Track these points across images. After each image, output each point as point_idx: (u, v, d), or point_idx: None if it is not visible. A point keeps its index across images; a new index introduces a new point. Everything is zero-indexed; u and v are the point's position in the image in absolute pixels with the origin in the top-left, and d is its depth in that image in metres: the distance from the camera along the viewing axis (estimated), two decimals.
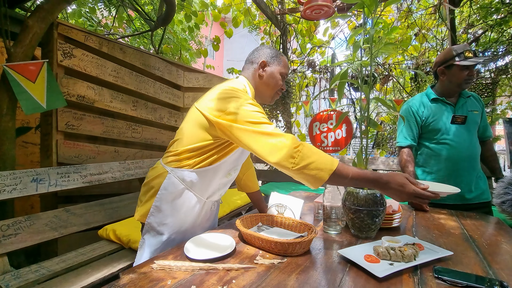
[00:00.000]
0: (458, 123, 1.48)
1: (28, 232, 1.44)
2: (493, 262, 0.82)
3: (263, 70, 1.10)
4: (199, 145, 0.97)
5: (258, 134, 0.87)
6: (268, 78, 1.10)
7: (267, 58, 1.11)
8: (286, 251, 0.84)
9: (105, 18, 4.43)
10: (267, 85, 1.11)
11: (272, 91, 1.12)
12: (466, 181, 1.47)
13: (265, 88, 1.11)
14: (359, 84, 1.07)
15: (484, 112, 1.57)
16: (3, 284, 1.21)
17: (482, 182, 1.52)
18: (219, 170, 1.03)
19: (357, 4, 1.01)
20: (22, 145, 2.64)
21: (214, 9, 4.28)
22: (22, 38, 1.70)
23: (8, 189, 1.41)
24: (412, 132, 1.56)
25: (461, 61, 1.42)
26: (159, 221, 0.99)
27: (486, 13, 3.03)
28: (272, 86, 1.11)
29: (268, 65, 1.10)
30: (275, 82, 1.11)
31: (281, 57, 1.12)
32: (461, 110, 1.50)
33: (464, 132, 1.48)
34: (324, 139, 3.58)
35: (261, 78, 1.10)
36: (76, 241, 1.86)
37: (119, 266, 1.46)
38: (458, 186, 1.46)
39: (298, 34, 4.29)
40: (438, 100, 1.54)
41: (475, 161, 1.50)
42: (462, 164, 1.47)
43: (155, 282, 0.68)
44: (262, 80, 1.10)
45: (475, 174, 1.49)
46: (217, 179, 1.05)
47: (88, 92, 2.10)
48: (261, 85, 1.11)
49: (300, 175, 0.84)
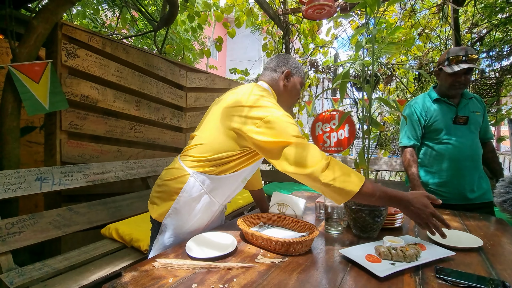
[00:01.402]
0: (460, 124, 1.49)
1: (32, 230, 1.45)
2: (496, 263, 0.81)
3: (288, 80, 1.11)
4: (227, 154, 0.96)
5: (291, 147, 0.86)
6: (292, 88, 1.12)
7: (291, 69, 1.12)
8: (288, 251, 0.84)
9: (109, 19, 4.47)
10: (290, 95, 1.12)
11: (293, 100, 1.15)
12: (468, 181, 1.47)
13: (287, 98, 1.13)
14: (361, 84, 1.06)
15: (485, 113, 1.57)
16: (8, 281, 1.23)
17: (484, 182, 1.51)
18: (240, 177, 1.04)
19: (359, 3, 1.01)
20: (27, 144, 2.67)
21: (216, 9, 4.29)
22: (27, 39, 1.72)
23: (12, 188, 1.42)
24: (415, 132, 1.57)
25: (445, 67, 1.47)
26: (176, 223, 0.98)
27: (490, 13, 3.00)
28: (293, 96, 1.13)
29: (292, 76, 1.11)
30: (296, 92, 1.13)
31: (301, 69, 1.15)
32: (463, 111, 1.50)
33: (466, 133, 1.48)
34: (327, 139, 3.57)
35: (285, 88, 1.11)
36: (79, 239, 1.88)
37: (121, 264, 1.47)
38: (460, 185, 1.47)
39: (300, 34, 4.29)
40: (441, 100, 1.55)
41: (477, 161, 1.50)
42: (464, 164, 1.47)
43: (156, 280, 0.69)
44: (286, 90, 1.11)
45: (477, 174, 1.49)
46: (236, 184, 1.06)
47: (91, 92, 2.11)
48: (284, 94, 1.12)
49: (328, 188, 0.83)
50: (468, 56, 1.40)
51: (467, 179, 1.47)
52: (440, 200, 0.89)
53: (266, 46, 4.49)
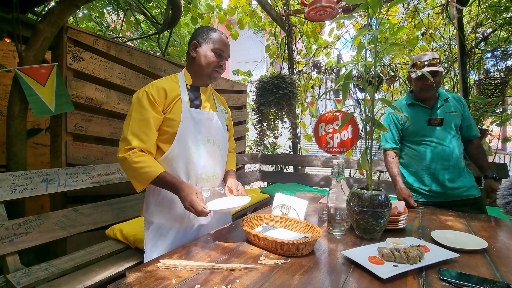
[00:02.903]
0: (436, 125, 1.56)
1: (38, 231, 1.47)
2: (501, 265, 0.80)
3: (195, 51, 1.15)
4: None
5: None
6: (200, 57, 1.14)
7: (197, 39, 1.15)
8: (290, 252, 0.84)
9: (114, 22, 4.51)
10: (201, 64, 1.14)
11: (207, 69, 1.14)
12: (447, 179, 1.53)
13: (199, 68, 1.15)
14: (363, 85, 1.06)
15: (466, 112, 1.62)
16: (15, 281, 1.24)
17: (467, 180, 1.56)
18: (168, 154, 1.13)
19: (361, 5, 1.01)
20: (33, 146, 2.71)
21: (219, 11, 4.31)
22: (33, 42, 1.75)
23: (19, 189, 1.44)
24: (393, 135, 1.68)
25: (411, 73, 1.57)
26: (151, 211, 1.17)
27: (495, 12, 2.98)
28: (207, 65, 1.14)
29: (200, 45, 1.14)
30: (209, 60, 1.13)
31: (212, 34, 1.14)
32: (438, 113, 1.58)
33: (442, 133, 1.56)
34: (330, 140, 3.56)
35: (194, 59, 1.16)
36: (84, 240, 1.89)
37: (126, 265, 1.49)
38: (439, 184, 1.55)
39: (303, 35, 4.29)
40: (415, 104, 1.64)
41: (455, 160, 1.54)
42: (441, 163, 1.54)
43: (160, 281, 0.70)
44: (195, 61, 1.15)
45: (457, 172, 1.54)
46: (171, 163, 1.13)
47: (96, 94, 2.14)
48: (195, 66, 1.16)
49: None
50: (430, 61, 1.50)
51: (445, 178, 1.53)
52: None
53: (269, 47, 4.50)
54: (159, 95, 1.07)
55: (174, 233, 1.11)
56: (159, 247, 1.09)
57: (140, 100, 1.06)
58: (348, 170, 3.77)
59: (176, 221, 1.11)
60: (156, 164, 1.05)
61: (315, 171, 5.29)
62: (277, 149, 4.66)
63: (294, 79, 3.56)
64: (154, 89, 1.08)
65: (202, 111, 1.16)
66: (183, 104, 1.10)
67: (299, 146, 4.29)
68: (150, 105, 1.05)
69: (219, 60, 1.14)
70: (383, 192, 1.00)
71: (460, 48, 2.82)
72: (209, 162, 1.16)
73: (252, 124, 3.80)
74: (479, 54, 3.22)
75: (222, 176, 1.26)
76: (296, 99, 3.54)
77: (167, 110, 1.09)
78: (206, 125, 1.15)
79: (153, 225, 1.12)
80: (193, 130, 1.11)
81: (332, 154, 3.56)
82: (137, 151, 1.03)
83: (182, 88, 1.14)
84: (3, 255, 1.32)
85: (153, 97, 1.06)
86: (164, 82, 1.12)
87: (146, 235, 1.14)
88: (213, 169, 1.17)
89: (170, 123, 1.08)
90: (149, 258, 1.09)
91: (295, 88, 3.43)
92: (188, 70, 1.19)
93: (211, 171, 1.17)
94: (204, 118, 1.15)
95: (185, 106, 1.10)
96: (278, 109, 3.44)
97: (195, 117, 1.12)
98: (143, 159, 1.02)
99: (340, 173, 1.07)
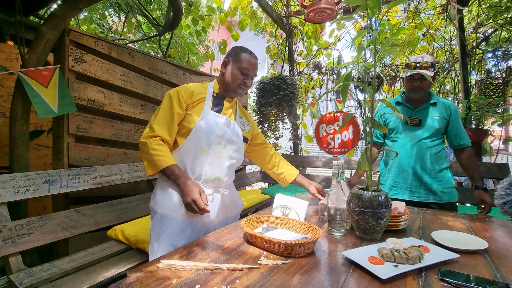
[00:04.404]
0: (413, 125, 1.61)
1: (40, 232, 1.49)
2: (501, 265, 0.80)
3: (225, 68, 1.29)
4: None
5: None
6: (228, 73, 1.27)
7: (227, 57, 1.28)
8: (290, 252, 0.85)
9: (116, 24, 4.54)
10: (228, 79, 1.27)
11: (233, 84, 1.26)
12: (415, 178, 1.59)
13: (226, 83, 1.27)
14: (363, 86, 1.07)
15: (454, 119, 1.61)
16: (17, 282, 1.25)
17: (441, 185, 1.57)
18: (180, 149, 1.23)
19: (361, 6, 1.02)
20: (36, 148, 2.73)
21: (220, 13, 4.33)
22: (36, 45, 1.77)
23: (22, 190, 1.46)
24: (375, 132, 1.78)
25: (403, 73, 1.62)
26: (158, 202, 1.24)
27: (495, 12, 2.97)
28: (233, 80, 1.25)
29: (229, 63, 1.27)
30: (234, 76, 1.25)
31: (240, 53, 1.26)
32: (418, 114, 1.62)
33: (417, 134, 1.60)
34: (331, 140, 3.56)
35: (224, 75, 1.29)
36: (86, 241, 1.90)
37: (127, 265, 1.49)
38: (404, 181, 1.62)
39: (304, 36, 4.30)
40: (401, 103, 1.70)
41: (425, 161, 1.58)
42: (409, 161, 1.60)
43: (160, 281, 0.70)
44: (224, 76, 1.28)
45: (427, 174, 1.57)
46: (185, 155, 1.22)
47: (98, 96, 2.15)
48: (224, 80, 1.28)
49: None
50: (422, 63, 1.53)
51: (413, 177, 1.59)
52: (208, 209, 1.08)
53: (269, 48, 4.51)
54: (187, 94, 1.21)
55: (175, 223, 1.15)
56: (161, 236, 1.15)
57: (171, 97, 1.19)
58: (349, 171, 3.77)
59: (176, 211, 1.16)
60: (170, 156, 1.16)
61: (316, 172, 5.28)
62: (278, 150, 4.66)
63: (294, 80, 3.56)
64: (183, 89, 1.22)
65: (221, 115, 1.25)
66: (205, 106, 1.22)
67: (300, 147, 4.29)
68: (178, 102, 1.18)
69: (244, 78, 1.25)
70: (383, 192, 1.00)
71: (461, 48, 2.82)
72: (216, 163, 1.22)
73: None
74: (480, 54, 3.22)
75: (228, 182, 1.32)
76: (297, 100, 3.54)
77: (189, 107, 1.21)
78: (222, 128, 1.23)
79: (157, 214, 1.18)
80: (208, 129, 1.20)
81: (333, 155, 3.56)
82: (158, 140, 1.15)
83: (208, 93, 1.26)
84: (6, 256, 1.33)
85: (182, 96, 1.19)
86: (194, 86, 1.26)
87: (152, 225, 1.21)
88: (219, 171, 1.23)
89: (189, 119, 1.19)
90: (153, 247, 1.17)
91: (295, 89, 3.43)
92: (218, 82, 1.32)
93: (217, 172, 1.22)
94: (221, 122, 1.24)
95: (206, 107, 1.22)
96: (279, 110, 3.44)
97: (213, 118, 1.22)
98: (160, 148, 1.14)
99: (340, 173, 1.07)
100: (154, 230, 1.19)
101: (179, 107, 1.19)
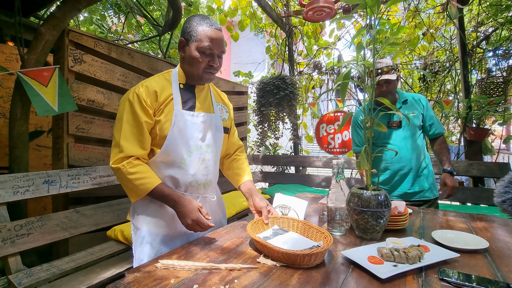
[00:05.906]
0: (395, 128, 1.64)
1: (40, 232, 1.48)
2: (502, 265, 0.80)
3: (183, 50, 1.02)
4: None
5: None
6: (188, 57, 1.01)
7: (183, 36, 1.01)
8: (295, 263, 0.77)
9: (115, 25, 4.55)
10: (189, 64, 1.02)
11: (196, 69, 1.01)
12: (405, 180, 1.63)
13: (188, 68, 1.03)
14: (362, 85, 1.06)
15: (427, 112, 1.67)
16: (16, 282, 1.25)
17: (426, 181, 1.63)
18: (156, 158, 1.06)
19: (360, 5, 1.01)
20: (35, 148, 2.73)
21: (220, 13, 4.33)
22: (35, 45, 1.77)
23: (21, 191, 1.46)
24: (361, 138, 1.76)
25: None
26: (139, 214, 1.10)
27: (496, 11, 2.96)
28: (195, 64, 1.00)
29: (187, 44, 1.00)
30: (196, 60, 0.99)
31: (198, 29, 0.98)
32: (396, 116, 1.65)
33: (401, 135, 1.64)
34: (331, 140, 3.55)
35: (184, 59, 1.03)
36: (85, 241, 1.90)
37: (126, 266, 1.49)
38: (397, 184, 1.65)
39: (304, 36, 4.29)
40: (375, 109, 1.68)
41: (414, 161, 1.62)
42: (401, 164, 1.63)
43: (158, 281, 0.70)
44: (185, 61, 1.03)
45: (416, 173, 1.63)
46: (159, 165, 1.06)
47: (97, 96, 2.15)
48: (184, 66, 1.05)
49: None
50: (383, 68, 1.57)
51: (403, 178, 1.63)
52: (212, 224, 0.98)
53: (269, 48, 4.51)
54: (150, 97, 0.99)
55: (161, 239, 1.04)
56: (146, 254, 1.02)
57: (131, 103, 0.97)
58: (349, 170, 3.76)
59: (163, 227, 1.05)
60: (152, 175, 0.98)
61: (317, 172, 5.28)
62: (278, 150, 4.66)
63: (294, 80, 3.56)
64: (144, 91, 0.98)
65: (196, 113, 1.05)
66: (174, 106, 1.01)
67: (300, 147, 4.28)
68: (142, 109, 0.97)
69: (208, 59, 1.00)
70: (382, 192, 1.00)
71: (461, 47, 2.81)
72: (200, 169, 1.07)
73: (253, 125, 3.80)
74: (480, 53, 3.21)
75: (215, 182, 1.19)
76: (297, 100, 3.54)
77: (157, 112, 1.00)
78: (200, 129, 1.06)
79: (139, 231, 1.05)
80: (185, 134, 1.02)
81: (334, 155, 3.55)
82: (132, 161, 0.96)
83: (174, 87, 1.03)
84: (5, 256, 1.33)
85: (145, 101, 0.97)
86: (155, 82, 1.02)
87: (134, 240, 1.07)
88: (205, 177, 1.10)
89: (160, 126, 0.99)
90: (138, 263, 1.03)
91: (296, 89, 3.43)
92: (181, 68, 1.08)
93: (203, 179, 1.09)
94: (198, 122, 1.05)
95: (176, 108, 1.01)
96: (279, 110, 3.44)
97: (188, 120, 1.03)
98: (139, 169, 0.96)
99: (339, 173, 1.07)
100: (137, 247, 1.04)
101: (144, 114, 0.97)
